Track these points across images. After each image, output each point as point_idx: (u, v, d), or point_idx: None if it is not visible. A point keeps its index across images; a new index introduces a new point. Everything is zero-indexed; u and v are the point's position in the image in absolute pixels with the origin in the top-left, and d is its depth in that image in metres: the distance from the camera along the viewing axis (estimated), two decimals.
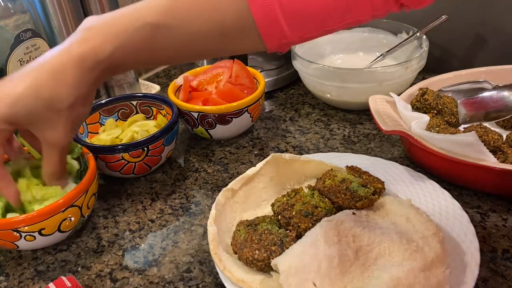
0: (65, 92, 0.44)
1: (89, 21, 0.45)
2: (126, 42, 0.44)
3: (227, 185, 0.55)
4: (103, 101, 0.73)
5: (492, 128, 0.63)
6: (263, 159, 0.58)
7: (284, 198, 0.52)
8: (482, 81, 0.70)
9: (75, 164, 0.59)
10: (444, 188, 0.55)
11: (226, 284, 0.46)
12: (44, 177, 0.52)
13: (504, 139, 0.61)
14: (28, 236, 0.51)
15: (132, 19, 0.44)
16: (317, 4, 0.43)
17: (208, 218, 0.51)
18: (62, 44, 0.45)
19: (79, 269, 0.54)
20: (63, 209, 0.52)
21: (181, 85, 0.75)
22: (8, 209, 0.54)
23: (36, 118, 0.45)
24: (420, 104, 0.68)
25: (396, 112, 0.65)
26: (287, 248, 0.46)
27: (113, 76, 0.51)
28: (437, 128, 0.64)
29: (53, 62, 0.44)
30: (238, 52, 0.51)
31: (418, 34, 0.80)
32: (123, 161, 0.63)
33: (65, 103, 0.45)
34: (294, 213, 0.49)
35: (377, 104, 0.64)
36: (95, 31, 0.44)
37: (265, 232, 0.47)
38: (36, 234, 0.52)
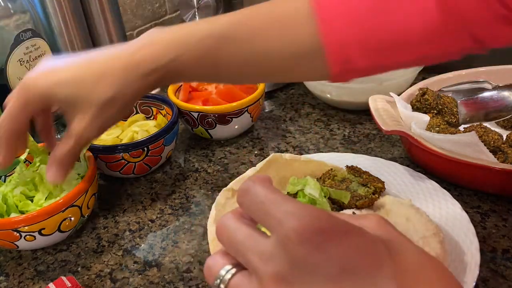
0: (104, 90, 0.43)
1: (154, 30, 0.44)
2: (188, 52, 0.43)
3: (227, 185, 0.55)
4: None
5: (492, 128, 0.63)
6: (263, 159, 0.58)
7: None
8: (482, 81, 0.70)
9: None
10: (444, 188, 0.55)
11: None
12: (49, 161, 0.49)
13: (504, 139, 0.61)
14: (28, 236, 0.51)
15: (198, 29, 0.43)
16: (394, 31, 0.40)
17: (208, 218, 0.51)
18: (125, 44, 0.45)
19: (79, 269, 0.54)
20: (63, 209, 0.52)
21: (181, 85, 0.75)
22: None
23: (72, 103, 0.45)
24: (420, 104, 0.68)
25: (396, 112, 0.65)
26: None
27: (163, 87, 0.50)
28: (437, 128, 0.64)
29: (107, 59, 0.44)
30: (298, 79, 0.48)
31: None
32: (123, 161, 0.63)
33: (100, 99, 0.44)
34: None
35: (377, 104, 0.64)
36: (158, 38, 0.43)
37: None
38: (36, 234, 0.52)
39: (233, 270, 0.27)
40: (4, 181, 0.60)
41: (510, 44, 0.40)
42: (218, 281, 0.28)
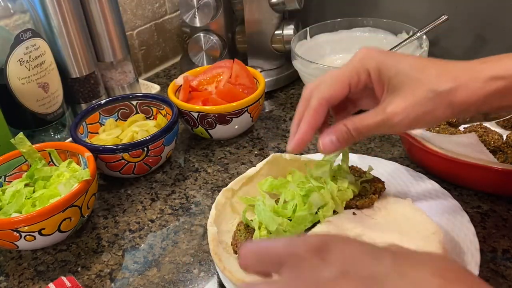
0: (446, 81, 0.40)
1: None
2: None
3: (227, 185, 0.55)
4: (103, 101, 0.73)
5: (492, 128, 0.63)
6: (263, 159, 0.58)
7: None
8: None
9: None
10: (444, 188, 0.55)
11: (226, 284, 0.46)
12: (333, 128, 0.44)
13: (504, 139, 0.61)
14: (28, 236, 0.51)
15: None
16: None
17: (208, 218, 0.51)
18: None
19: (79, 269, 0.54)
20: (63, 209, 0.52)
21: (181, 85, 0.75)
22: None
23: (402, 81, 0.41)
24: None
25: None
26: None
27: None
28: (437, 128, 0.64)
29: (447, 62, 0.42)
30: None
31: (418, 34, 0.80)
32: (123, 161, 0.63)
33: (442, 86, 0.40)
34: None
35: None
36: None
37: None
38: (36, 234, 0.52)
39: None
40: (4, 181, 0.61)
41: None
42: None
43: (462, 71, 0.40)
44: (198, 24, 0.86)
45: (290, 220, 0.48)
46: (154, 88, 0.86)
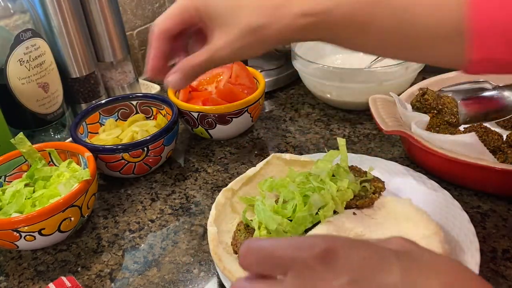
0: (257, 17, 0.44)
1: None
2: (342, 7, 0.43)
3: (227, 185, 0.55)
4: (103, 101, 0.73)
5: (492, 128, 0.63)
6: (263, 159, 0.58)
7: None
8: (482, 81, 0.70)
9: None
10: (444, 188, 0.55)
11: (226, 284, 0.46)
12: (174, 68, 0.49)
13: (504, 139, 0.61)
14: (28, 236, 0.51)
15: None
16: None
17: (208, 218, 0.51)
18: None
19: (79, 269, 0.54)
20: (63, 209, 0.52)
21: None
22: None
23: (220, 19, 0.46)
24: (420, 104, 0.68)
25: (396, 112, 0.65)
26: None
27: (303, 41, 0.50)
28: (437, 128, 0.64)
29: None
30: (433, 62, 0.47)
31: None
32: (123, 161, 0.63)
33: (250, 23, 0.44)
34: None
35: (377, 104, 0.64)
36: None
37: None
38: (36, 234, 0.52)
39: None
40: (4, 181, 0.61)
41: None
42: None
43: (276, 8, 0.44)
44: None
45: (290, 220, 0.48)
46: (154, 88, 0.86)
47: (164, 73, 0.50)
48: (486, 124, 0.64)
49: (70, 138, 0.67)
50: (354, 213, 0.49)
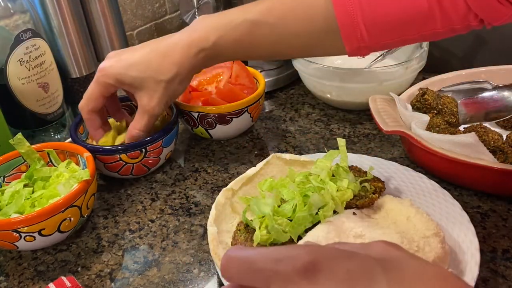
0: (169, 67, 0.54)
1: (201, 17, 0.56)
2: (228, 35, 0.53)
3: (227, 185, 0.55)
4: None
5: (492, 128, 0.63)
6: (263, 159, 0.58)
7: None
8: (482, 81, 0.70)
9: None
10: (444, 188, 0.55)
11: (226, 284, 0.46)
12: (127, 138, 0.61)
13: (504, 139, 0.61)
14: (27, 237, 0.51)
15: (235, 15, 0.53)
16: (395, 13, 0.48)
17: (208, 218, 0.51)
18: (179, 33, 0.56)
19: (79, 269, 0.54)
20: (62, 209, 0.52)
21: None
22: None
23: (140, 83, 0.56)
24: (420, 104, 0.68)
25: (396, 112, 0.65)
26: None
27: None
28: (437, 128, 0.64)
29: (167, 44, 0.55)
30: (321, 54, 0.59)
31: None
32: (121, 162, 0.62)
33: (167, 76, 0.55)
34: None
35: (377, 104, 0.64)
36: (204, 24, 0.54)
37: None
38: (35, 234, 0.52)
39: None
40: (3, 182, 0.61)
41: (508, 21, 0.47)
42: None
43: (179, 54, 0.54)
44: None
45: (290, 220, 0.48)
46: None
47: (106, 131, 0.63)
48: (486, 124, 0.64)
49: (70, 139, 0.67)
50: (354, 213, 0.49)
